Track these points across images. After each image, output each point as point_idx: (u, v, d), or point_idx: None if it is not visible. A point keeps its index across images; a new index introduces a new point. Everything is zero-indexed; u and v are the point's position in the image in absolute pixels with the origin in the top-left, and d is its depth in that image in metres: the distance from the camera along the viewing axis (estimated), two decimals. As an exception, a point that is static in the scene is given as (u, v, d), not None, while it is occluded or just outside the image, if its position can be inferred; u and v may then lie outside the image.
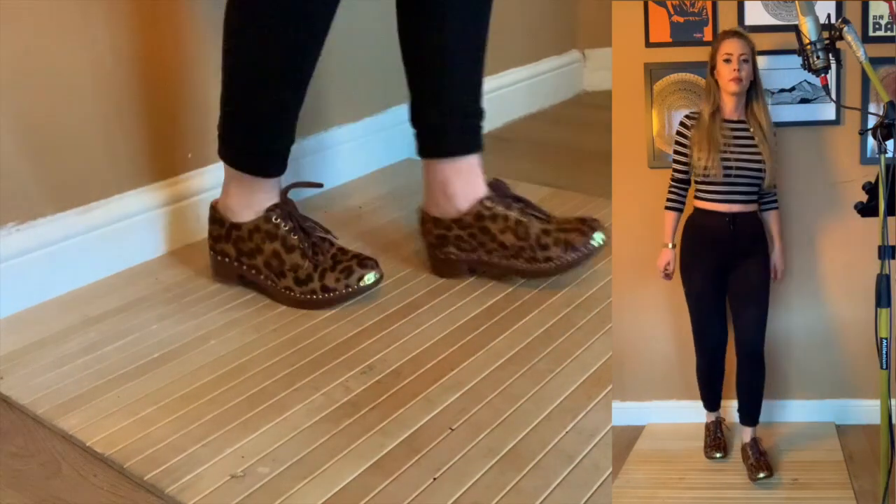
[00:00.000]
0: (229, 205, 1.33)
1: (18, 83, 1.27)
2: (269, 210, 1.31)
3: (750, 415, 1.19)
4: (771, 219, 1.21)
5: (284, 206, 1.31)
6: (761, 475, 1.14)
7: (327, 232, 1.35)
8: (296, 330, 1.24)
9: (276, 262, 1.30)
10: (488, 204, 1.33)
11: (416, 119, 1.38)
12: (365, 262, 1.29)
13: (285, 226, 1.30)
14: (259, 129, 1.29)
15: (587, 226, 1.31)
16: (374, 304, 1.31)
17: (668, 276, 1.21)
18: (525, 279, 1.36)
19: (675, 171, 1.20)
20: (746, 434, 1.19)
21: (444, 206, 1.36)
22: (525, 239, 1.31)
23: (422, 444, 0.99)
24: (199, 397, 1.09)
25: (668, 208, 1.21)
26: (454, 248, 1.36)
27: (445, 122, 1.36)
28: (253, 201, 1.31)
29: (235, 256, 1.34)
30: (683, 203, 1.21)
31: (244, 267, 1.33)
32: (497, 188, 1.38)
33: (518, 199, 1.37)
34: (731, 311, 1.20)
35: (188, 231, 1.53)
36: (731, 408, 1.26)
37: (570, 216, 1.36)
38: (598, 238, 1.30)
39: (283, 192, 1.33)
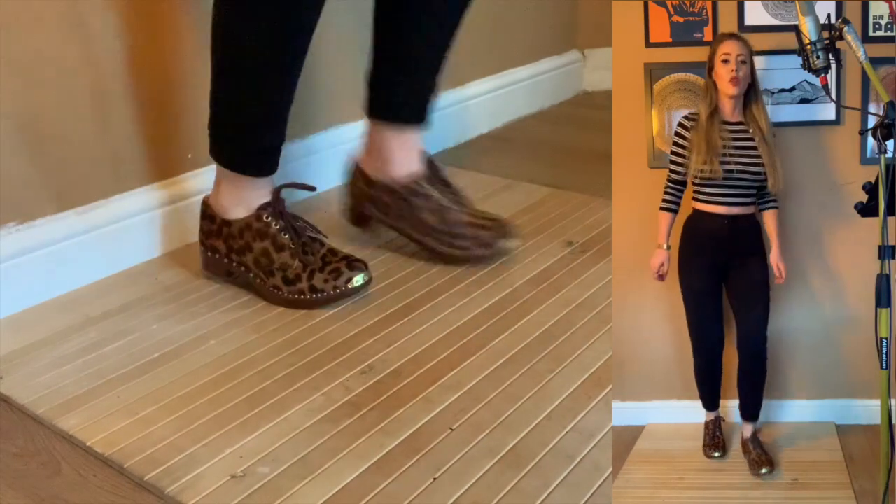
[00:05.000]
0: (221, 202, 1.33)
1: (18, 83, 1.27)
2: (261, 208, 1.31)
3: (751, 411, 1.20)
4: (768, 219, 1.20)
5: (276, 205, 1.31)
6: (763, 470, 1.14)
7: (318, 232, 1.36)
8: (296, 330, 1.24)
9: (265, 260, 1.30)
10: (421, 181, 1.40)
11: (375, 79, 1.41)
12: (354, 265, 1.30)
13: (276, 224, 1.30)
14: (248, 127, 1.29)
15: (503, 229, 1.41)
16: (373, 304, 1.31)
17: (661, 277, 1.21)
18: (432, 258, 1.43)
19: (672, 171, 1.20)
20: (747, 430, 1.20)
21: (380, 168, 1.42)
22: (443, 223, 1.39)
23: (422, 444, 0.99)
24: (199, 397, 1.09)
25: (663, 209, 1.21)
26: (375, 209, 1.43)
27: (404, 92, 1.40)
28: (244, 199, 1.32)
29: (225, 252, 1.34)
30: (678, 204, 1.20)
31: (234, 264, 1.34)
32: (431, 167, 1.44)
33: (447, 184, 1.45)
34: (732, 311, 1.20)
35: (188, 231, 1.53)
36: (729, 407, 1.26)
37: (490, 214, 1.44)
38: (508, 244, 1.41)
39: (276, 192, 1.33)
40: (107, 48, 1.37)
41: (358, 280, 1.29)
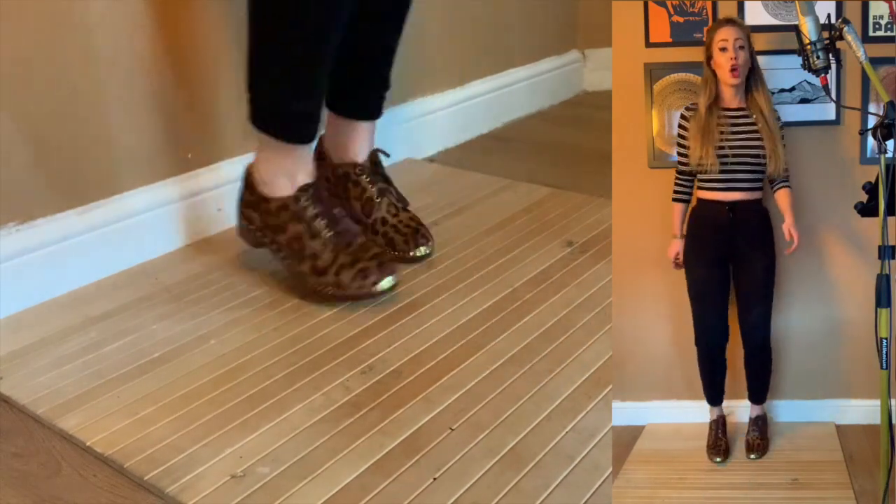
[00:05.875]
0: (261, 173, 1.33)
1: (19, 83, 1.27)
2: (301, 189, 1.31)
3: (755, 396, 1.23)
4: (781, 197, 1.19)
5: (317, 188, 1.32)
6: (752, 455, 1.19)
7: (358, 223, 1.39)
8: (296, 330, 1.24)
9: (297, 244, 1.30)
10: (358, 171, 1.46)
11: (331, 75, 1.39)
12: (384, 267, 1.29)
13: (313, 210, 1.30)
14: (282, 85, 1.26)
15: (420, 236, 1.44)
16: (374, 304, 1.31)
17: (678, 265, 1.22)
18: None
19: (679, 163, 1.21)
20: (753, 410, 1.23)
21: (332, 150, 1.50)
22: (368, 216, 1.45)
23: (422, 444, 0.99)
24: (199, 397, 1.09)
25: (675, 200, 1.22)
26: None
27: (356, 89, 1.46)
28: (283, 170, 1.31)
29: (259, 226, 1.35)
30: (690, 194, 1.22)
31: (266, 239, 1.35)
32: (375, 160, 1.50)
33: (386, 180, 1.50)
34: (737, 307, 1.20)
35: (188, 231, 1.53)
36: (735, 406, 1.26)
37: (414, 220, 1.46)
38: (422, 250, 1.43)
39: (318, 172, 1.35)
40: (108, 50, 1.37)
41: (385, 283, 1.28)
